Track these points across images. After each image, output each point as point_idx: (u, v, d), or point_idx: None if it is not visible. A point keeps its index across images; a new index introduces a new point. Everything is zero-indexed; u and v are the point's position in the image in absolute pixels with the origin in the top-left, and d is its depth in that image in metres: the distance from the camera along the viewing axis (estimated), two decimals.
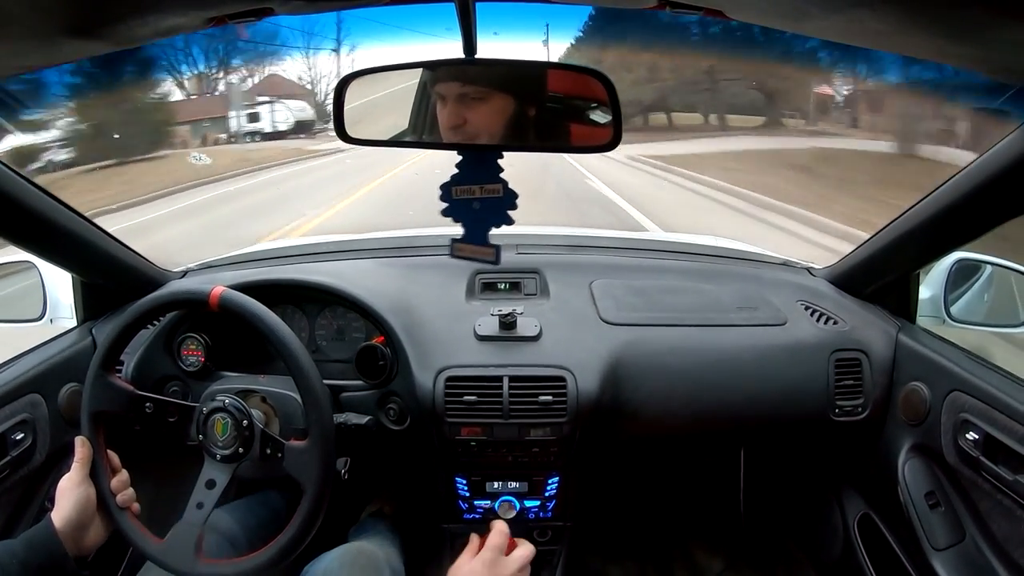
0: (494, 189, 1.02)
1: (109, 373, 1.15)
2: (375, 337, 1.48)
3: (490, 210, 1.03)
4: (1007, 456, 1.17)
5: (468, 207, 1.03)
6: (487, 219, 1.04)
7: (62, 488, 1.08)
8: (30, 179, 1.23)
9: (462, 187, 1.03)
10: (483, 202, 1.03)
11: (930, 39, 0.69)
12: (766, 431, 1.61)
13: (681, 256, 1.90)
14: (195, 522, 1.08)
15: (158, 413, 1.15)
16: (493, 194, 1.02)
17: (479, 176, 1.02)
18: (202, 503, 1.09)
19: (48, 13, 0.66)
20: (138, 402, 1.15)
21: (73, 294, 1.59)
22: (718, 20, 0.80)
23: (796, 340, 1.53)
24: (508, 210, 1.03)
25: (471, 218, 1.04)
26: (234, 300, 1.11)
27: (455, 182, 1.03)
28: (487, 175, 1.02)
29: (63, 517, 1.05)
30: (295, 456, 1.09)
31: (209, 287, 1.11)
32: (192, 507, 1.09)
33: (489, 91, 1.00)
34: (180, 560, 1.07)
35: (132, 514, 1.12)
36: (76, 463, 1.10)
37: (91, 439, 1.12)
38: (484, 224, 1.04)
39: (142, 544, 1.09)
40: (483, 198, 1.02)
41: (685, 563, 2.02)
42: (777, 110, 15.99)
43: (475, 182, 1.02)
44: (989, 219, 1.22)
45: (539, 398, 1.39)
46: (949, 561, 1.29)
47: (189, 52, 20.41)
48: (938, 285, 1.54)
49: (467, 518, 1.56)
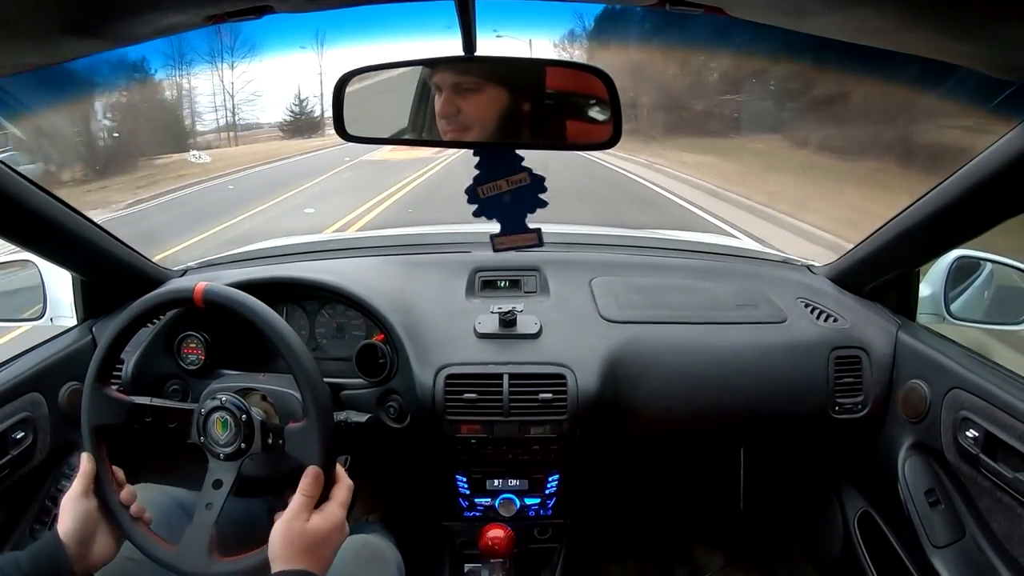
0: (520, 178, 1.04)
1: (105, 386, 1.13)
2: (375, 335, 1.48)
3: (521, 198, 1.04)
4: (1007, 453, 1.17)
5: (499, 202, 1.04)
6: (521, 207, 1.05)
7: (64, 503, 1.07)
8: (29, 178, 1.23)
9: (487, 185, 1.04)
10: (512, 193, 1.04)
11: (930, 36, 0.69)
12: (766, 429, 1.61)
13: (681, 254, 1.90)
14: (206, 523, 1.07)
15: (157, 421, 1.15)
16: (520, 183, 1.03)
17: (502, 170, 1.03)
18: (211, 503, 1.08)
19: (47, 11, 0.66)
20: (137, 412, 1.14)
21: (73, 293, 1.59)
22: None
23: (796, 338, 1.53)
24: (539, 194, 1.04)
25: (504, 211, 1.05)
26: (218, 292, 1.10)
27: (478, 182, 1.04)
28: (509, 168, 1.03)
29: (66, 531, 1.04)
30: (296, 437, 1.08)
31: (192, 283, 1.11)
32: (201, 508, 1.08)
33: (483, 82, 1.00)
34: (196, 562, 1.06)
35: (144, 524, 1.12)
36: (79, 477, 1.09)
37: (94, 454, 1.12)
38: (519, 213, 1.06)
39: (155, 552, 1.08)
40: (512, 189, 1.04)
41: (685, 561, 2.02)
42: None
43: (499, 176, 1.03)
44: (989, 217, 1.22)
45: (539, 396, 1.39)
46: (949, 558, 1.29)
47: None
48: (938, 283, 1.54)
49: (467, 516, 1.56)
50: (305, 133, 24.42)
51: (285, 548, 0.96)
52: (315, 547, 0.98)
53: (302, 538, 0.97)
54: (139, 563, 1.10)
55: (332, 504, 1.03)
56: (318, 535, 0.98)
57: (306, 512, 0.99)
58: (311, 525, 0.99)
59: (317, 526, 0.99)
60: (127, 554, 1.10)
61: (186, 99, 22.18)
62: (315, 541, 0.98)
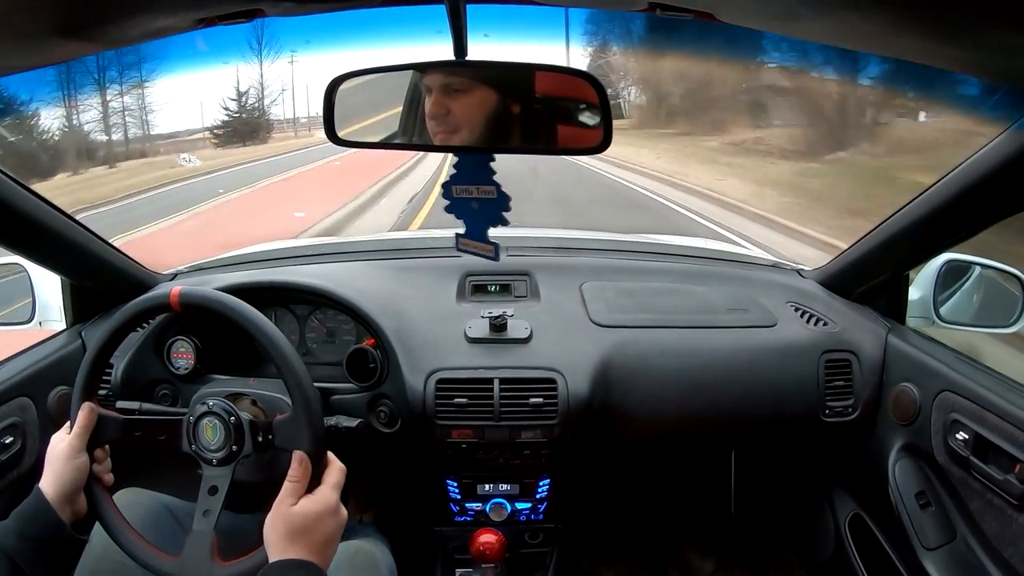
0: (488, 191, 1.04)
1: (92, 402, 1.13)
2: (365, 340, 1.47)
3: (486, 210, 1.05)
4: (997, 455, 1.18)
5: (468, 205, 1.05)
6: (484, 218, 1.06)
7: (56, 455, 1.06)
8: (19, 180, 1.22)
9: (460, 186, 1.05)
10: (480, 202, 1.05)
11: (920, 41, 0.69)
12: (757, 432, 1.62)
13: (671, 258, 1.90)
14: (205, 529, 1.06)
15: (147, 434, 1.14)
16: (487, 195, 1.04)
17: (474, 177, 1.04)
18: (208, 510, 1.08)
19: (37, 14, 0.66)
20: (127, 428, 1.13)
21: (62, 297, 1.58)
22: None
23: (786, 341, 1.53)
24: (502, 211, 1.05)
25: (471, 216, 1.06)
26: (193, 294, 1.09)
27: (453, 181, 1.05)
28: (481, 177, 1.04)
29: (58, 485, 1.03)
30: (283, 428, 1.07)
31: (167, 288, 1.10)
32: (199, 516, 1.08)
33: (473, 83, 1.00)
34: (199, 570, 1.05)
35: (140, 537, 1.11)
36: (77, 431, 1.07)
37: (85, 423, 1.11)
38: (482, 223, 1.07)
39: (158, 565, 1.07)
40: (480, 198, 1.05)
41: (677, 564, 2.02)
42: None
43: (471, 182, 1.04)
44: (978, 221, 1.23)
45: (530, 400, 1.39)
46: (940, 560, 1.29)
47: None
48: (927, 286, 1.55)
49: (458, 520, 1.56)
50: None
51: (275, 535, 0.96)
52: (305, 531, 0.96)
53: (288, 523, 0.96)
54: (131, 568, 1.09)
55: (323, 487, 1.02)
56: (307, 519, 0.97)
57: (293, 497, 0.98)
58: (298, 509, 0.97)
59: (306, 510, 0.97)
60: (118, 558, 1.09)
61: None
62: (304, 525, 0.96)
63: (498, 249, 1.09)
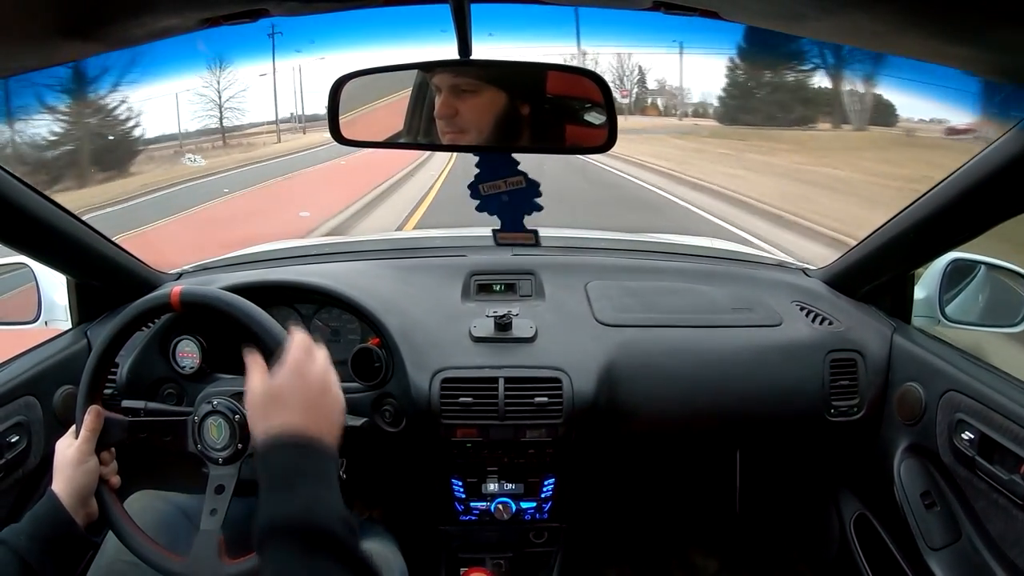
0: (516, 181, 1.07)
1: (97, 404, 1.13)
2: (370, 339, 1.47)
3: (518, 200, 1.07)
4: (1002, 455, 1.18)
5: (498, 200, 1.07)
6: (518, 208, 1.07)
7: (66, 461, 1.06)
8: (24, 180, 1.23)
9: (488, 184, 1.06)
10: (511, 194, 1.06)
11: (925, 40, 0.69)
12: (762, 432, 1.62)
13: (676, 257, 1.90)
14: (212, 529, 1.07)
15: (153, 435, 1.14)
16: (517, 185, 1.05)
17: (500, 171, 1.06)
18: (215, 509, 1.08)
19: (42, 15, 0.66)
20: (132, 429, 1.14)
21: (68, 296, 1.59)
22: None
23: (791, 341, 1.53)
24: (534, 198, 1.07)
25: (503, 209, 1.08)
26: (193, 292, 1.10)
27: (480, 180, 1.06)
28: (506, 170, 1.05)
29: (70, 489, 1.03)
30: None
31: (169, 288, 1.11)
32: (206, 515, 1.08)
33: (482, 84, 1.00)
34: (207, 570, 1.06)
35: (148, 538, 1.11)
36: (84, 434, 1.07)
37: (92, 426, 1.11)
38: (517, 213, 1.08)
39: (167, 566, 1.07)
40: (510, 190, 1.06)
41: (681, 564, 2.02)
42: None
43: (498, 177, 1.06)
44: (984, 220, 1.22)
45: (535, 399, 1.39)
46: (945, 561, 1.29)
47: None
48: (933, 285, 1.54)
49: (463, 520, 1.56)
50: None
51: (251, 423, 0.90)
52: (272, 404, 0.87)
53: (252, 406, 0.89)
54: (143, 570, 1.10)
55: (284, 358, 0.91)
56: (269, 392, 0.88)
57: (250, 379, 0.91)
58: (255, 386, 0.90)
59: (267, 383, 0.89)
60: (131, 560, 1.10)
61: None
62: (269, 399, 0.88)
63: (538, 235, 1.11)
